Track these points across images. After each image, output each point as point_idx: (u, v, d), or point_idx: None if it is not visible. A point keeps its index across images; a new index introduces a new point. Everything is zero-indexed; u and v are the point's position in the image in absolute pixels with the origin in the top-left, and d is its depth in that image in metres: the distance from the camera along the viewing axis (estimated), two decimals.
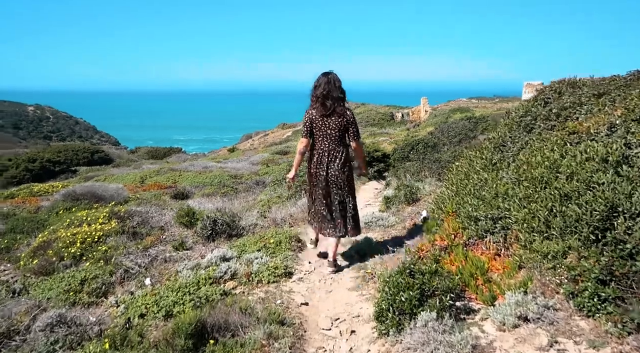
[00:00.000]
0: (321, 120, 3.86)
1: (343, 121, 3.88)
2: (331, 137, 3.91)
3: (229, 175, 13.27)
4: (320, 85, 3.85)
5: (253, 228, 5.81)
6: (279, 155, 17.45)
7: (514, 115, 4.89)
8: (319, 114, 3.85)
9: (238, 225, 5.55)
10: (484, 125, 12.58)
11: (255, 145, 49.79)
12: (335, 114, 3.84)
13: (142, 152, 46.32)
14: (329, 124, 3.86)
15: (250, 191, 9.87)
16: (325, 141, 3.94)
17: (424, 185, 7.84)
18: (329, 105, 3.81)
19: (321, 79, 3.89)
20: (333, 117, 3.85)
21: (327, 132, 3.89)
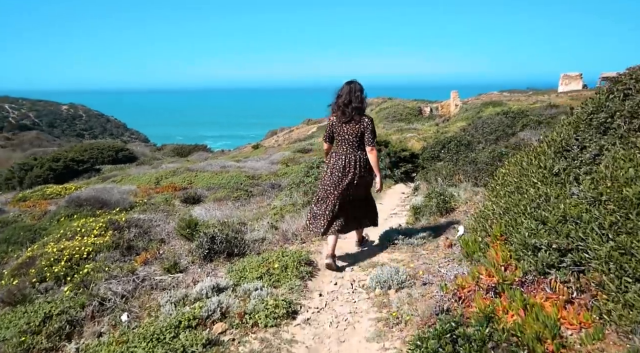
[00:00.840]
0: (340, 126, 4.07)
1: (360, 127, 4.05)
2: (349, 142, 4.09)
3: (246, 175, 12.56)
4: (342, 95, 4.08)
5: (260, 245, 5.01)
6: (300, 153, 16.66)
7: (580, 112, 3.89)
8: (339, 121, 4.08)
9: (242, 242, 4.76)
10: (524, 121, 11.44)
11: (279, 142, 49.25)
12: (353, 120, 4.03)
13: (167, 149, 46.51)
14: (347, 130, 4.05)
15: (265, 195, 9.11)
16: (344, 146, 4.12)
17: (459, 191, 6.89)
18: (347, 113, 4.02)
19: (344, 88, 4.11)
20: (351, 124, 4.03)
21: (346, 137, 4.07)
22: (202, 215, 7.03)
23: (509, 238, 3.35)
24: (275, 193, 9.10)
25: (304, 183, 8.56)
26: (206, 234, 4.46)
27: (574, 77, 46.73)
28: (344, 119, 4.03)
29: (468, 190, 7.04)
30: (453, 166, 8.00)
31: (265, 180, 12.60)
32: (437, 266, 3.81)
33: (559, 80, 47.39)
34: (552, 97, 39.69)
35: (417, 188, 7.81)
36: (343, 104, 4.03)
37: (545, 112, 14.48)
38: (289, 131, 56.49)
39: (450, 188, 7.21)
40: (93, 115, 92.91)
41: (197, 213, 7.16)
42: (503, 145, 10.60)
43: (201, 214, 7.15)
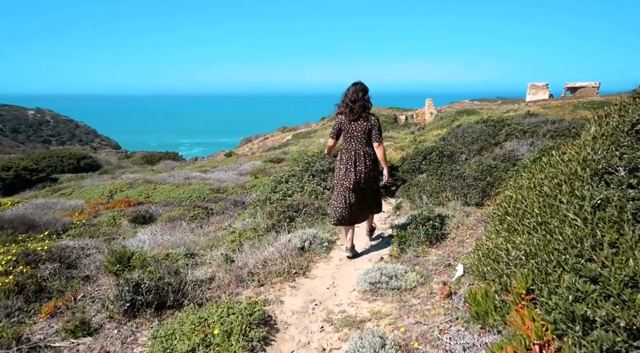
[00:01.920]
0: (349, 124, 4.30)
1: (368, 125, 4.30)
2: (358, 139, 4.34)
3: (211, 188, 11.40)
4: (349, 94, 4.30)
5: (204, 290, 3.91)
6: (272, 164, 15.58)
7: (617, 121, 2.95)
8: (347, 119, 4.30)
9: (179, 288, 3.66)
10: (508, 130, 10.67)
11: (254, 150, 47.97)
12: (361, 118, 4.27)
13: (137, 157, 44.65)
14: (356, 128, 4.29)
15: (227, 213, 8.01)
16: (353, 143, 4.37)
17: (448, 212, 5.95)
18: (355, 110, 4.24)
19: (350, 88, 4.33)
20: (359, 121, 4.28)
21: (354, 134, 4.32)
22: (145, 242, 5.88)
23: (540, 298, 2.38)
24: (239, 212, 8.00)
25: (270, 201, 7.50)
26: (128, 281, 3.34)
27: (540, 87, 47.48)
28: (352, 117, 4.26)
29: (458, 210, 6.11)
30: (438, 181, 7.07)
31: (232, 194, 11.47)
32: (437, 330, 2.80)
33: (526, 89, 48.14)
34: (522, 106, 39.82)
35: (398, 206, 6.84)
36: (350, 103, 4.25)
37: (525, 121, 13.84)
38: (264, 139, 55.25)
39: (437, 208, 6.27)
40: (61, 121, 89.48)
41: (139, 241, 6.00)
42: (488, 156, 9.79)
43: (143, 241, 6.00)
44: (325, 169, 8.09)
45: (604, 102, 30.39)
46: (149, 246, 5.62)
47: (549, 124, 10.73)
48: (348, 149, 4.43)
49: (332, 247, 5.16)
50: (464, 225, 5.34)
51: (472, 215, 5.78)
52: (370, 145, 4.40)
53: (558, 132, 8.57)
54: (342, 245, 5.18)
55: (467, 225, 5.31)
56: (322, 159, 8.47)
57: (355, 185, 4.43)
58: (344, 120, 4.32)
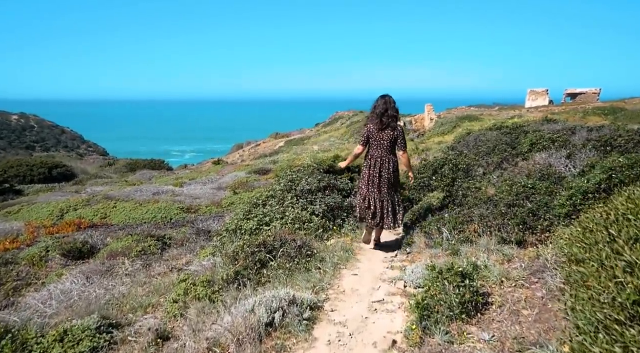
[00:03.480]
0: (377, 133, 4.81)
1: (394, 134, 4.82)
2: (384, 147, 4.84)
3: (180, 207, 9.64)
4: (378, 106, 4.83)
5: None
6: (257, 175, 13.83)
7: None
8: (376, 128, 4.82)
9: None
10: (532, 139, 9.00)
11: (244, 157, 46.15)
12: (388, 127, 4.78)
13: (120, 164, 42.74)
14: (383, 136, 4.80)
15: (186, 246, 6.26)
16: (379, 150, 4.85)
17: (479, 253, 4.28)
18: (384, 121, 4.76)
19: (379, 101, 4.86)
20: (387, 131, 4.79)
21: (381, 142, 4.82)
22: (55, 299, 4.11)
23: None
24: (202, 243, 6.26)
25: (241, 231, 5.77)
26: None
27: (540, 93, 46.32)
28: (380, 126, 4.78)
29: (493, 250, 4.42)
30: (462, 210, 5.35)
31: (205, 213, 9.71)
32: None
33: (525, 95, 47.00)
34: (524, 112, 38.46)
35: (410, 242, 5.12)
36: (380, 114, 4.78)
37: (544, 127, 12.20)
38: (255, 145, 53.47)
39: (464, 247, 4.57)
40: (46, 126, 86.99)
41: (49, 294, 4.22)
42: (512, 170, 8.11)
43: (56, 295, 4.22)
44: (314, 188, 6.37)
45: (614, 108, 28.95)
46: (54, 309, 3.86)
47: (582, 131, 9.07)
48: (374, 155, 4.88)
49: (317, 318, 3.42)
50: (510, 279, 3.65)
51: (517, 260, 4.08)
52: (393, 153, 4.93)
53: (602, 141, 6.94)
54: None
55: (515, 280, 3.61)
56: (309, 174, 6.76)
57: (378, 188, 4.92)
58: (372, 129, 4.82)
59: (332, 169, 6.98)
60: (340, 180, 6.73)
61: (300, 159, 21.70)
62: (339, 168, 5.59)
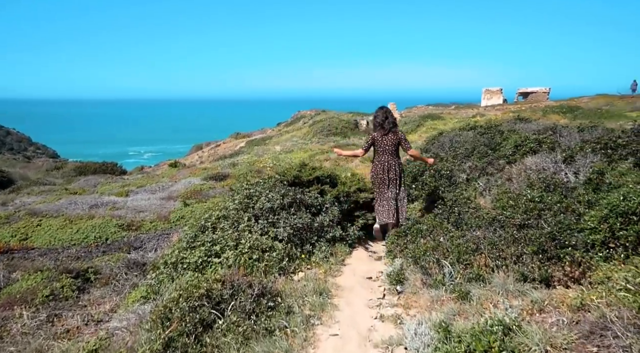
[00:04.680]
0: (381, 138, 5.49)
1: (396, 138, 5.54)
2: (389, 151, 5.51)
3: (119, 224, 8.19)
4: (378, 115, 5.60)
5: None
6: (213, 181, 12.43)
7: None
8: (379, 134, 5.50)
9: None
10: (517, 140, 8.14)
11: (203, 158, 44.10)
12: (391, 132, 5.50)
13: (68, 168, 39.78)
14: (387, 141, 5.48)
15: (114, 284, 4.91)
16: (385, 154, 5.52)
17: (499, 301, 3.25)
18: (386, 126, 5.48)
19: (379, 111, 5.65)
20: (389, 135, 5.49)
21: (386, 147, 5.49)
22: None
23: None
24: (134, 282, 4.93)
25: (182, 266, 4.51)
26: None
27: (495, 92, 47.01)
28: (383, 132, 5.47)
29: (512, 290, 3.40)
30: (460, 235, 4.29)
31: (150, 230, 8.31)
32: None
33: (481, 94, 47.57)
34: (481, 110, 38.69)
35: (400, 279, 4.02)
36: (382, 121, 5.51)
37: (518, 127, 11.50)
38: (215, 146, 51.37)
39: (476, 289, 3.51)
40: None
41: None
42: (499, 176, 7.20)
43: None
44: (276, 205, 5.16)
45: (571, 107, 29.23)
46: None
47: (573, 132, 8.26)
48: (381, 160, 5.56)
49: None
50: (557, 347, 2.60)
51: (552, 310, 3.05)
52: (398, 156, 5.66)
53: (602, 144, 6.10)
54: None
55: (564, 349, 2.57)
56: (270, 188, 5.55)
57: (389, 190, 5.54)
58: (377, 136, 5.54)
59: (298, 179, 5.80)
60: (309, 194, 5.56)
61: (261, 162, 20.35)
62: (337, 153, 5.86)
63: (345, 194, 5.82)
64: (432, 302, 3.50)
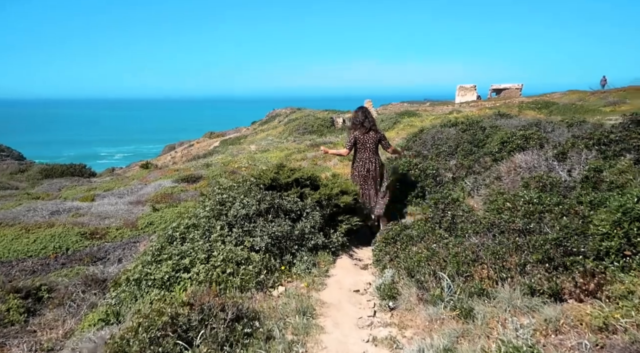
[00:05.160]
0: (363, 137, 5.70)
1: (377, 136, 5.79)
2: (370, 149, 5.72)
3: (81, 232, 7.55)
4: (358, 115, 5.81)
5: None
6: (185, 183, 11.82)
7: None
8: (361, 133, 5.72)
9: None
10: (503, 137, 7.86)
11: (176, 159, 42.96)
12: (371, 131, 5.73)
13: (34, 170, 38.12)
14: (368, 139, 5.70)
15: (68, 305, 4.35)
16: (366, 152, 5.73)
17: (508, 319, 2.86)
18: (367, 125, 5.71)
19: (358, 111, 5.87)
20: (371, 133, 5.72)
21: (367, 145, 5.70)
22: None
23: None
24: (92, 301, 4.37)
25: (147, 282, 3.99)
26: None
27: (468, 89, 47.50)
28: (364, 130, 5.70)
29: (520, 306, 3.03)
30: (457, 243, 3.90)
31: (115, 238, 7.69)
32: None
33: (455, 91, 47.98)
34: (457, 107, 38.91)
35: (392, 294, 3.60)
36: (362, 120, 5.74)
37: (500, 122, 11.30)
38: (189, 146, 50.20)
39: (478, 304, 3.13)
40: None
41: None
42: (487, 174, 6.89)
43: None
44: (252, 212, 4.68)
45: (547, 103, 29.54)
46: None
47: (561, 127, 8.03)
48: (362, 158, 5.77)
49: None
50: None
51: (570, 330, 2.68)
52: (377, 154, 5.84)
53: (595, 139, 5.83)
54: None
55: None
56: (245, 192, 5.06)
57: (370, 185, 5.78)
58: (358, 135, 5.73)
59: (275, 182, 5.32)
60: (287, 198, 5.10)
61: (236, 162, 19.72)
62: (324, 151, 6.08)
63: (327, 197, 5.37)
64: (430, 321, 3.10)
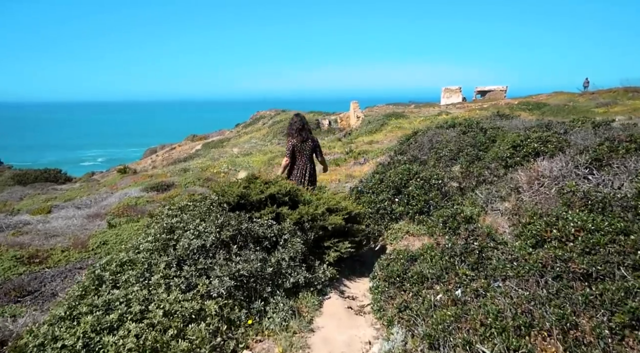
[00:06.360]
0: (300, 145, 5.71)
1: (313, 145, 5.86)
2: (307, 156, 5.77)
3: (17, 256, 6.25)
4: (295, 122, 5.83)
5: None
6: (154, 192, 10.53)
7: None
8: (298, 141, 5.71)
9: None
10: (514, 139, 6.78)
11: (156, 163, 41.28)
12: (309, 139, 5.79)
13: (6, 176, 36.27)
14: (305, 147, 5.74)
15: None
16: (303, 159, 5.75)
17: None
18: (304, 134, 5.75)
19: (295, 118, 5.89)
20: (308, 142, 5.77)
21: (304, 153, 5.74)
22: None
23: None
24: None
25: (54, 351, 2.76)
26: None
27: (454, 90, 46.84)
28: (301, 139, 5.71)
29: None
30: (488, 287, 2.78)
31: (59, 262, 6.42)
32: None
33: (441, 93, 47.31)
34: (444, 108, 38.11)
35: None
36: (299, 129, 5.74)
37: (502, 124, 10.29)
38: (170, 149, 48.51)
39: None
40: None
41: None
42: (504, 184, 5.78)
43: None
44: (210, 242, 3.48)
45: (538, 104, 28.82)
46: None
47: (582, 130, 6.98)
48: (299, 164, 5.76)
49: None
50: None
51: None
52: (312, 161, 5.89)
53: (638, 143, 4.82)
54: None
55: None
56: (204, 214, 3.87)
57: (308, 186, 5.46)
58: (296, 143, 5.72)
59: (245, 200, 4.13)
60: (260, 220, 3.91)
61: (215, 166, 18.43)
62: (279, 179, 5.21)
63: (311, 218, 4.20)
64: None
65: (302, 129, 5.71)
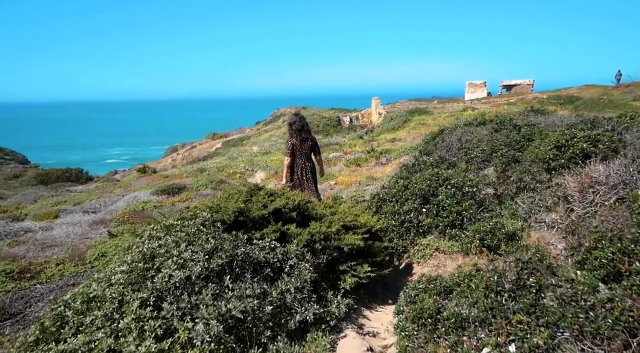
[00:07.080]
0: (300, 144, 5.94)
1: (312, 144, 6.09)
2: (306, 155, 6.00)
3: (7, 271, 5.76)
4: (295, 122, 6.00)
5: None
6: (164, 196, 10.02)
7: None
8: (298, 141, 5.94)
9: None
10: (557, 139, 5.93)
11: (177, 161, 41.27)
12: (308, 139, 6.01)
13: (29, 176, 36.69)
14: (305, 147, 5.97)
15: None
16: (303, 158, 5.98)
17: None
18: (304, 134, 5.96)
19: (295, 118, 6.09)
20: (307, 142, 5.99)
21: (304, 152, 5.97)
22: None
23: None
24: None
25: None
26: None
27: (478, 85, 45.31)
28: (301, 139, 5.93)
29: None
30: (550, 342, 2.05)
31: (52, 277, 5.90)
32: None
33: (465, 88, 45.90)
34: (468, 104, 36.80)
35: None
36: (299, 129, 5.94)
37: (536, 120, 9.39)
38: (191, 147, 48.46)
39: None
40: None
41: None
42: (550, 192, 4.97)
43: None
44: (196, 273, 2.84)
45: (570, 98, 27.40)
46: None
47: (621, 124, 6.11)
48: (299, 163, 5.98)
49: None
50: None
51: None
52: (310, 160, 6.10)
53: None
54: None
55: None
56: (191, 235, 3.22)
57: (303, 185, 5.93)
58: (296, 142, 5.93)
59: (244, 216, 3.47)
60: (260, 241, 3.25)
61: (232, 167, 17.91)
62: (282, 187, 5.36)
63: (323, 237, 3.51)
64: None
65: (302, 129, 5.94)
